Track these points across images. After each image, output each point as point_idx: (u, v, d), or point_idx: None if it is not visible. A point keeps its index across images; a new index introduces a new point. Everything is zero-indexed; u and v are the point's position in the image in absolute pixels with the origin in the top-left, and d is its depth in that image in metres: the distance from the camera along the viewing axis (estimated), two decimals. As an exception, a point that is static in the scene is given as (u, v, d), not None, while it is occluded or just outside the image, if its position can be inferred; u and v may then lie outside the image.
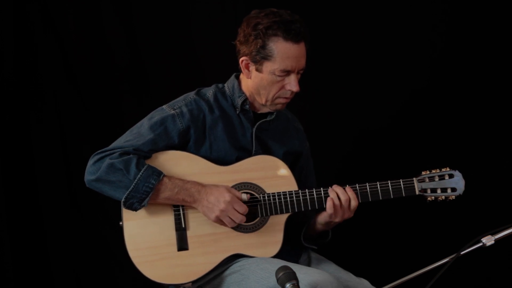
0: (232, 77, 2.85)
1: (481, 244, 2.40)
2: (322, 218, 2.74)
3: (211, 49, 3.85)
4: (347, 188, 2.71)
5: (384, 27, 3.93)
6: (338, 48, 3.88)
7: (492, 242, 2.40)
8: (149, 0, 3.86)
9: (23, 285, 3.72)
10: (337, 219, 2.71)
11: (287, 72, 2.68)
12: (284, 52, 2.65)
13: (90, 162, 2.66)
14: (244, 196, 2.67)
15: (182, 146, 2.73)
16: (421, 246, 3.90)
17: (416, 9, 3.93)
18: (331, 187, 2.72)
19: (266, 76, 2.70)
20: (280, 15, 2.67)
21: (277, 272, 2.30)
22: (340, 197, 2.69)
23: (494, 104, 3.95)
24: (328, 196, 2.70)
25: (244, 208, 2.63)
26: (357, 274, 2.76)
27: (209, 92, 2.82)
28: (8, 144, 3.69)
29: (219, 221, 2.64)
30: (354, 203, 2.70)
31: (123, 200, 2.62)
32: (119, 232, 2.69)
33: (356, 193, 2.72)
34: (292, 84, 2.69)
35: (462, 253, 2.40)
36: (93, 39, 3.81)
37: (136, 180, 2.60)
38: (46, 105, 3.78)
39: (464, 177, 2.78)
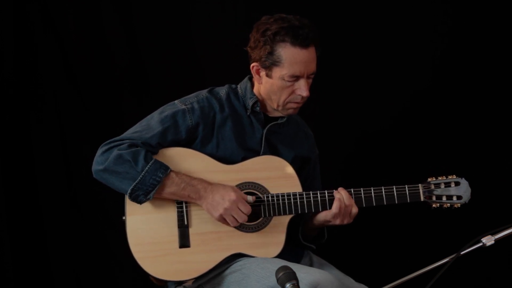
0: (246, 79, 2.85)
1: (481, 244, 2.40)
2: (322, 216, 2.73)
3: (211, 49, 3.85)
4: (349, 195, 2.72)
5: (386, 28, 3.92)
6: (339, 49, 3.87)
7: (492, 242, 2.40)
8: (149, 0, 3.86)
9: (23, 285, 3.72)
10: (337, 222, 2.72)
11: (296, 77, 2.69)
12: (292, 58, 2.66)
13: (99, 152, 2.66)
14: (250, 198, 2.67)
15: (188, 142, 2.74)
16: (421, 246, 3.90)
17: (417, 10, 3.93)
18: (336, 190, 2.73)
19: (276, 82, 2.71)
20: (289, 20, 2.68)
21: (277, 272, 2.29)
22: (345, 201, 2.70)
23: (494, 105, 3.95)
24: (333, 198, 2.70)
25: (248, 209, 2.64)
26: (358, 278, 2.76)
27: (222, 91, 2.83)
28: (8, 144, 3.69)
29: (222, 219, 2.64)
30: (354, 210, 2.72)
31: (129, 191, 2.61)
32: (119, 231, 2.69)
33: (360, 198, 2.73)
34: (302, 89, 2.70)
35: (462, 253, 2.40)
36: (93, 39, 3.81)
37: (143, 173, 2.60)
38: (46, 105, 3.78)
39: (466, 179, 2.78)
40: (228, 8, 3.89)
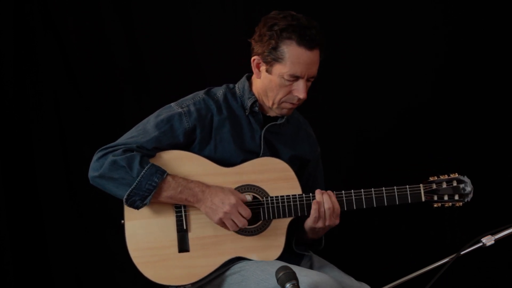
0: (244, 78, 2.83)
1: (481, 244, 2.40)
2: (307, 224, 2.71)
3: (211, 49, 3.85)
4: (331, 194, 2.68)
5: (387, 30, 3.92)
6: (340, 51, 3.87)
7: (492, 242, 2.39)
8: (149, 0, 3.86)
9: (23, 285, 3.72)
10: (320, 224, 2.68)
11: (296, 78, 2.66)
12: (296, 57, 2.63)
13: (94, 158, 2.65)
14: (248, 197, 2.65)
15: (187, 145, 2.72)
16: (421, 246, 3.90)
17: (419, 13, 3.93)
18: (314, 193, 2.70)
19: (275, 79, 2.67)
20: (298, 19, 2.65)
21: (277, 272, 2.29)
22: (325, 205, 2.66)
23: (494, 105, 3.95)
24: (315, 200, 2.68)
25: (248, 212, 2.62)
26: (358, 277, 2.75)
27: (219, 92, 2.80)
28: (8, 144, 3.69)
29: (221, 223, 2.62)
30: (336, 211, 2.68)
31: (125, 197, 2.60)
32: (119, 232, 2.69)
33: (361, 199, 2.70)
34: (299, 90, 2.67)
35: (462, 253, 2.40)
36: (93, 39, 3.81)
37: (139, 178, 2.58)
38: (46, 105, 3.78)
39: (468, 177, 2.77)
40: (228, 8, 3.89)
